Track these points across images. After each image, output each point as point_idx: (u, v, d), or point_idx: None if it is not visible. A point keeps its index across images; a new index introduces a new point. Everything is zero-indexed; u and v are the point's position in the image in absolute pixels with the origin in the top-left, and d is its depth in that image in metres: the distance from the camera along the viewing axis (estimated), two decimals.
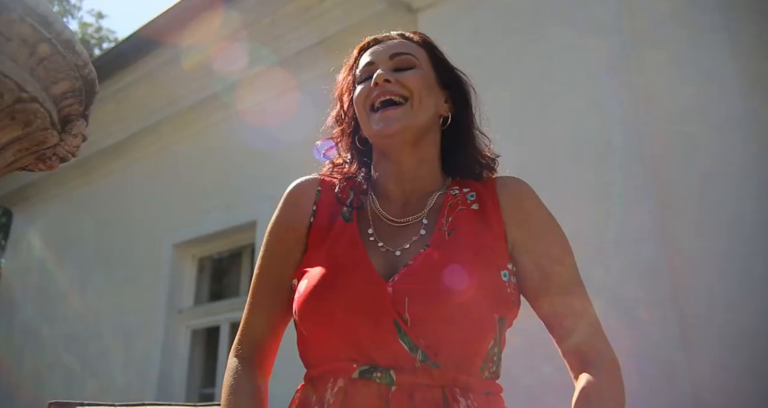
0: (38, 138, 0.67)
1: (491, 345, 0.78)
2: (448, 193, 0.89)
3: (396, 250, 0.82)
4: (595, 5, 2.26)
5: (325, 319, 0.77)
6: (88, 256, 4.22)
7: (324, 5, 3.13)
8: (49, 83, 0.64)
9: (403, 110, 0.85)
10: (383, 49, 0.91)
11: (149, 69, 3.83)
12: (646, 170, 1.99)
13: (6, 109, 0.60)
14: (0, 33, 0.56)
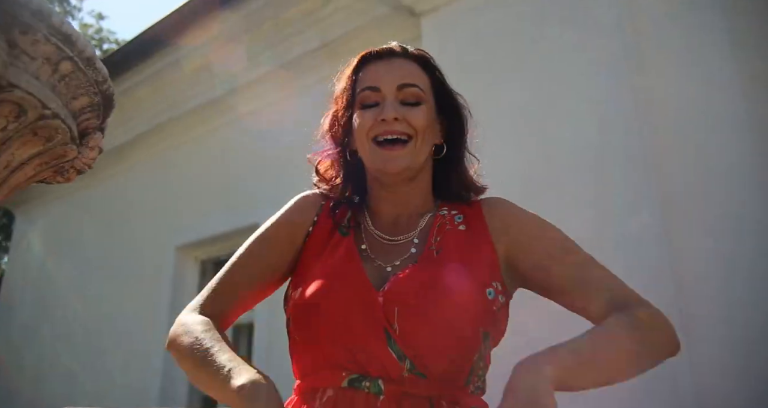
0: (58, 152, 0.68)
1: (476, 358, 0.80)
2: (437, 214, 0.91)
3: (387, 266, 0.85)
4: (596, 8, 2.27)
5: (319, 324, 0.79)
6: (90, 258, 4.23)
7: (326, 9, 3.14)
8: (69, 99, 0.66)
9: (407, 150, 0.87)
10: (391, 77, 0.90)
11: (152, 72, 3.84)
12: (647, 172, 2.00)
13: (29, 126, 0.61)
14: (25, 52, 0.57)
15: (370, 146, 0.88)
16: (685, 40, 2.12)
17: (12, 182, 0.66)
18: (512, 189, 2.25)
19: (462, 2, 2.63)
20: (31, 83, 0.58)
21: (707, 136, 1.99)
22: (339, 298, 0.79)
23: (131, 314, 3.81)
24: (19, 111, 0.59)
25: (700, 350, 1.77)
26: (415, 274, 0.81)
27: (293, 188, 3.55)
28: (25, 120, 0.60)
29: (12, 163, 0.63)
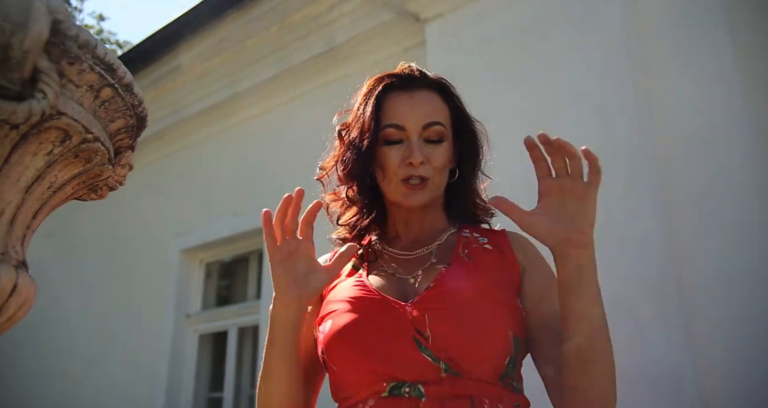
0: (96, 172, 0.71)
1: (507, 361, 0.82)
2: (460, 235, 0.97)
3: (409, 277, 0.90)
4: (599, 15, 2.30)
5: (351, 347, 0.83)
6: (96, 261, 4.25)
7: (331, 14, 3.17)
8: (108, 122, 0.68)
9: (428, 189, 0.93)
10: (416, 116, 0.93)
11: (157, 76, 3.87)
12: (651, 176, 2.03)
13: (72, 149, 0.64)
14: (71, 81, 0.60)
15: (396, 184, 0.94)
16: (688, 46, 2.15)
17: (53, 202, 0.69)
18: (518, 193, 2.28)
19: (466, 9, 2.66)
20: (76, 110, 0.61)
21: (711, 139, 2.02)
22: (365, 320, 0.83)
23: (136, 317, 3.84)
24: (64, 136, 0.61)
25: (703, 352, 1.80)
26: (445, 280, 0.85)
27: None
28: (69, 144, 0.63)
29: (55, 184, 0.66)
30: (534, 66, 2.41)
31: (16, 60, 0.51)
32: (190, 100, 3.86)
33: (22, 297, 0.61)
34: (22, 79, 0.53)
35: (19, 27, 0.50)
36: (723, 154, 1.99)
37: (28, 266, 0.65)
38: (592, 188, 0.80)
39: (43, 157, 0.62)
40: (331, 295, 0.92)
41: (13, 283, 0.59)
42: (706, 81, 2.08)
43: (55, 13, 0.52)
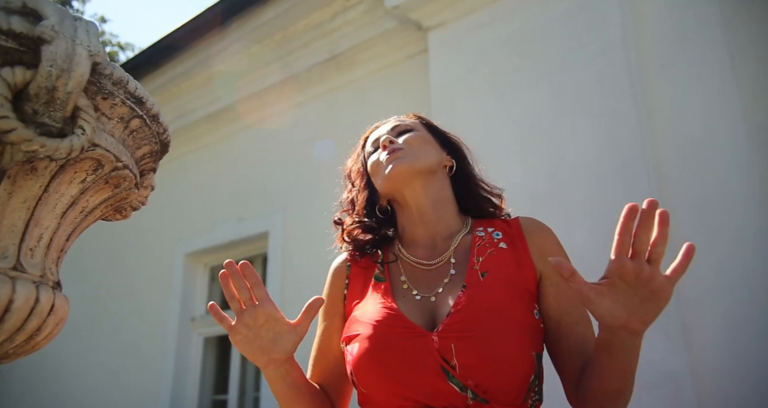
0: (122, 195, 0.75)
1: (532, 379, 0.85)
2: (474, 235, 0.98)
3: (431, 296, 0.91)
4: (599, 23, 2.34)
5: (379, 374, 0.85)
6: (102, 265, 4.29)
7: (335, 22, 3.21)
8: (135, 149, 0.73)
9: (404, 152, 0.97)
10: (385, 127, 1.06)
11: (162, 82, 3.91)
12: (650, 186, 2.07)
13: (104, 176, 0.68)
14: (104, 114, 0.64)
15: (381, 173, 0.99)
16: (686, 54, 2.19)
17: (84, 225, 0.73)
18: (519, 203, 2.32)
19: (468, 18, 2.70)
20: (109, 141, 0.65)
21: (709, 146, 2.05)
22: (392, 348, 0.85)
23: (142, 321, 3.88)
24: (97, 165, 0.66)
25: (701, 358, 1.84)
26: (466, 307, 0.86)
27: (301, 196, 3.62)
28: (101, 172, 0.67)
29: (86, 208, 0.70)
30: (534, 74, 2.45)
31: (60, 101, 0.55)
32: (195, 105, 3.91)
33: (58, 316, 0.65)
34: (64, 117, 0.57)
35: (64, 71, 0.54)
36: (721, 160, 2.02)
37: (61, 286, 0.69)
38: (671, 285, 0.74)
39: (77, 185, 0.66)
40: (358, 313, 0.94)
41: (51, 304, 0.63)
42: (704, 89, 2.12)
43: (95, 57, 0.57)
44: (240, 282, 0.89)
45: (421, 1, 2.75)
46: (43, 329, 0.63)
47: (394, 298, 0.93)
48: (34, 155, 0.56)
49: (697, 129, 2.10)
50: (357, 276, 1.01)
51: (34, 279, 0.62)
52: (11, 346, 0.61)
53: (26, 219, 0.61)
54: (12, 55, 0.54)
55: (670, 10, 2.27)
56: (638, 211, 0.73)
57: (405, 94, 2.97)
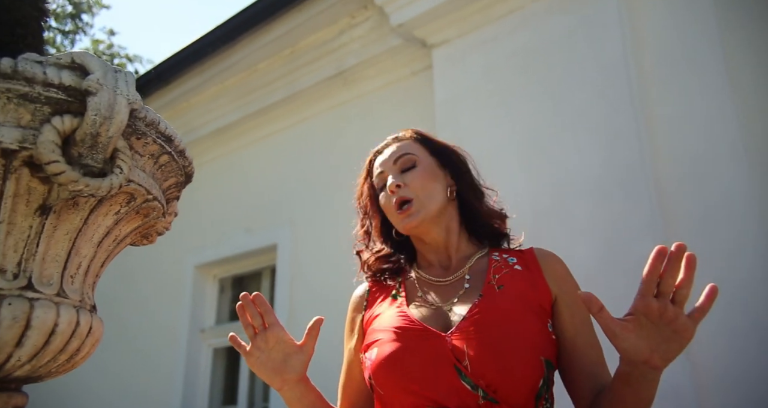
0: (150, 223, 0.81)
1: (541, 384, 0.89)
2: (490, 258, 1.05)
3: (445, 306, 0.98)
4: (601, 44, 2.40)
5: (397, 373, 0.91)
6: (113, 276, 4.36)
7: (342, 39, 3.29)
8: (162, 181, 0.79)
9: (414, 209, 1.03)
10: (387, 158, 1.10)
11: (172, 97, 4.00)
12: (651, 200, 2.11)
13: (135, 208, 0.74)
14: (137, 152, 0.70)
15: (395, 216, 1.06)
16: (685, 71, 2.25)
17: (116, 251, 0.79)
18: (522, 217, 2.37)
19: (472, 35, 2.77)
20: (141, 176, 0.71)
21: (709, 161, 2.10)
22: (408, 350, 0.91)
23: (152, 332, 3.94)
24: (130, 198, 0.72)
25: (703, 372, 1.87)
26: (481, 311, 0.92)
27: (309, 209, 3.68)
28: (133, 204, 0.73)
29: (119, 237, 0.76)
30: (536, 90, 2.51)
31: (102, 144, 0.62)
32: (204, 120, 3.99)
33: (95, 337, 0.71)
34: (104, 158, 0.63)
35: (107, 119, 0.60)
36: (721, 175, 2.07)
37: (97, 309, 0.75)
38: (694, 325, 0.78)
39: (112, 216, 0.72)
40: (376, 325, 1.00)
41: (89, 326, 0.69)
42: (703, 104, 2.17)
43: (132, 104, 0.63)
44: (253, 310, 0.98)
45: (426, 19, 2.83)
46: (81, 350, 0.69)
47: (409, 307, 1.00)
48: (78, 194, 0.62)
49: (696, 144, 2.14)
50: (375, 298, 1.08)
51: (74, 303, 0.68)
52: (54, 365, 0.67)
53: (68, 249, 0.67)
54: (61, 105, 0.61)
55: (669, 28, 2.33)
56: (666, 253, 0.78)
57: (410, 110, 3.03)
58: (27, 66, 0.59)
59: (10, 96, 0.59)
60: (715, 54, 2.18)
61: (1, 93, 0.58)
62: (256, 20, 3.41)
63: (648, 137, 2.23)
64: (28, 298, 0.62)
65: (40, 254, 0.64)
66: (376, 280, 1.11)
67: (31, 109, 0.60)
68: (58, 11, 11.94)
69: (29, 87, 0.59)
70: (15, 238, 0.62)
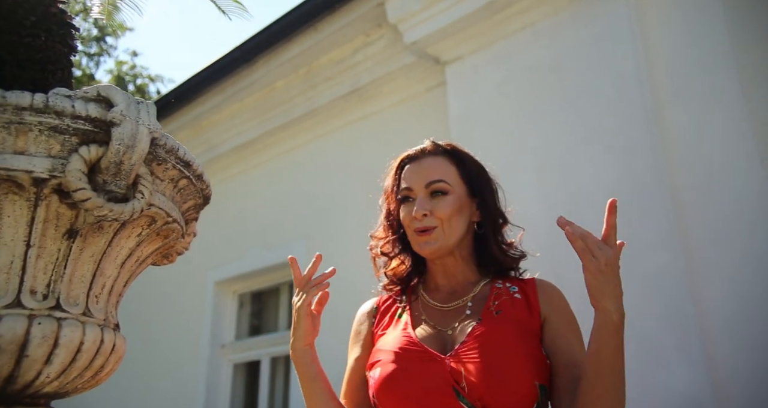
0: (170, 244, 0.85)
1: (535, 407, 0.92)
2: (493, 286, 1.08)
3: (447, 329, 1.02)
4: (613, 58, 2.41)
5: (398, 394, 0.94)
6: (135, 294, 4.44)
7: (356, 57, 3.35)
8: (181, 203, 0.83)
9: (436, 235, 1.05)
10: (420, 177, 1.09)
11: (193, 116, 4.10)
12: (667, 212, 2.10)
13: (156, 230, 0.78)
14: (158, 177, 0.74)
15: (412, 235, 1.09)
16: (699, 87, 2.24)
17: (138, 271, 0.83)
18: (538, 230, 2.38)
19: (484, 52, 2.80)
20: (161, 200, 0.75)
21: (724, 172, 2.08)
22: (409, 371, 0.95)
23: (174, 347, 3.99)
24: (151, 221, 0.76)
25: (725, 386, 1.84)
26: (479, 336, 0.96)
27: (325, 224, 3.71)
28: (154, 227, 0.77)
29: (141, 258, 0.80)
30: (550, 105, 2.52)
31: (125, 172, 0.66)
32: (224, 138, 4.08)
33: (118, 354, 0.74)
34: (127, 184, 0.67)
35: (129, 147, 0.64)
36: (737, 186, 2.05)
37: (120, 327, 0.79)
38: (615, 252, 0.96)
39: (134, 238, 0.76)
40: (380, 344, 1.06)
41: (112, 344, 0.73)
42: (717, 117, 2.17)
43: (153, 133, 0.67)
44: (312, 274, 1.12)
45: (439, 37, 2.87)
46: (105, 366, 0.72)
47: (413, 329, 1.03)
48: (103, 218, 0.66)
49: (712, 155, 2.13)
50: (384, 315, 1.12)
51: (99, 322, 0.71)
52: (81, 381, 0.70)
53: (93, 270, 0.71)
54: (88, 135, 0.65)
55: (682, 39, 2.34)
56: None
57: (424, 126, 3.06)
58: (57, 100, 0.63)
59: (41, 128, 0.63)
60: (729, 65, 2.18)
61: (34, 126, 0.62)
62: (274, 40, 3.49)
63: (662, 149, 2.22)
64: (57, 318, 0.66)
65: (68, 276, 0.68)
66: (388, 290, 1.14)
67: (61, 140, 0.64)
68: (84, 35, 12.34)
69: (59, 120, 0.63)
70: (45, 260, 0.66)
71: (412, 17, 2.90)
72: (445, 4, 2.78)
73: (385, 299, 1.15)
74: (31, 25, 0.70)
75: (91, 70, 12.71)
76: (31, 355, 0.63)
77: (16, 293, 0.64)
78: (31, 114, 0.62)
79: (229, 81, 3.82)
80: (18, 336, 0.62)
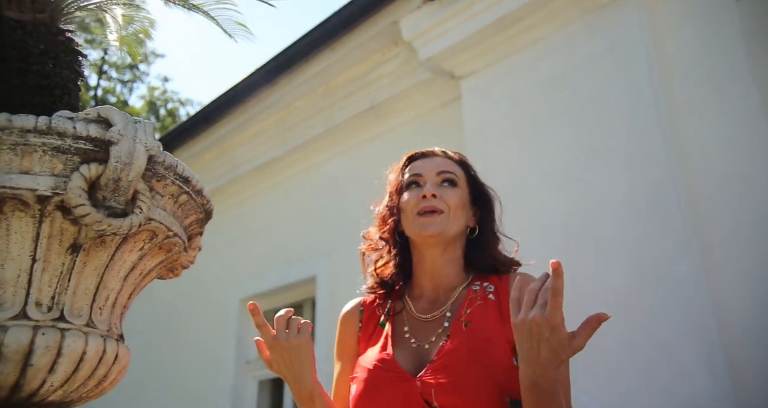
0: (174, 258, 0.88)
1: None
2: (470, 289, 1.07)
3: (425, 344, 1.02)
4: (626, 68, 2.40)
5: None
6: (161, 310, 4.53)
7: (372, 75, 3.40)
8: (183, 218, 0.86)
9: (441, 219, 1.06)
10: (431, 166, 1.12)
11: (217, 137, 4.21)
12: (685, 221, 2.06)
13: (158, 244, 0.81)
14: (158, 193, 0.78)
15: (413, 218, 1.08)
16: (714, 95, 2.21)
17: (142, 284, 0.86)
18: (553, 242, 2.36)
19: (498, 65, 2.82)
20: (161, 215, 0.78)
21: (740, 179, 2.04)
22: (382, 390, 0.97)
23: (200, 364, 4.05)
24: (152, 235, 0.79)
25: (748, 398, 1.78)
26: (448, 355, 0.96)
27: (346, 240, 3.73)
28: (155, 241, 0.80)
29: (144, 271, 0.83)
30: (564, 117, 2.52)
31: (123, 188, 0.69)
32: (246, 158, 4.17)
33: (121, 364, 0.77)
34: (126, 200, 0.71)
35: (127, 165, 0.68)
36: (754, 193, 2.00)
37: (124, 338, 0.82)
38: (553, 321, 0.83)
39: (137, 252, 0.79)
40: (362, 357, 1.07)
41: (115, 354, 0.75)
42: (734, 123, 2.13)
43: (150, 150, 0.70)
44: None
45: (453, 52, 2.90)
46: (108, 376, 0.75)
47: (394, 345, 1.04)
48: (103, 232, 0.69)
49: (730, 163, 2.09)
50: (369, 321, 1.12)
51: (102, 333, 0.74)
52: (84, 390, 0.73)
53: (96, 283, 0.74)
54: (89, 154, 0.69)
55: (695, 48, 2.31)
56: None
57: (440, 140, 3.05)
58: (59, 122, 0.67)
59: (45, 149, 0.67)
60: (744, 72, 2.14)
61: (38, 147, 0.67)
62: (292, 61, 3.58)
63: (678, 158, 2.19)
64: (60, 329, 0.69)
65: (72, 288, 0.72)
66: (372, 292, 1.14)
67: (63, 160, 0.68)
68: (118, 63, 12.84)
69: (61, 140, 0.67)
70: (50, 274, 0.70)
71: (426, 34, 2.94)
72: (458, 20, 2.82)
73: (371, 300, 1.15)
74: (40, 53, 0.75)
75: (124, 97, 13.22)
76: (36, 364, 0.66)
77: (22, 305, 0.68)
78: (35, 136, 0.66)
79: (250, 102, 3.92)
80: (23, 346, 0.65)
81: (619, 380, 1.97)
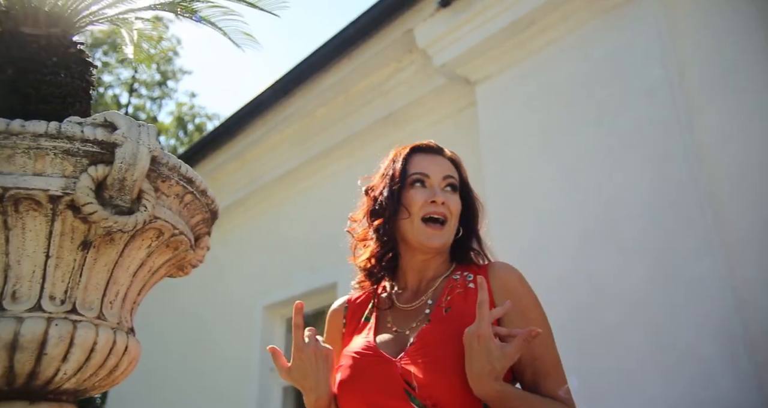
0: (181, 256, 0.92)
1: (484, 404, 0.94)
2: (450, 278, 1.10)
3: (406, 330, 1.05)
4: (642, 67, 2.38)
5: (354, 399, 0.99)
6: (186, 318, 4.63)
7: (390, 83, 3.44)
8: (189, 218, 0.90)
9: (445, 231, 1.09)
10: (438, 168, 1.13)
11: (238, 149, 4.30)
12: (706, 219, 2.03)
13: (165, 242, 0.85)
14: (164, 193, 0.82)
15: (418, 223, 1.09)
16: (732, 89, 2.17)
17: (152, 281, 0.90)
18: (570, 242, 2.34)
19: (513, 70, 2.82)
20: (167, 214, 0.83)
21: (761, 177, 2.00)
22: (364, 375, 0.99)
23: (224, 371, 4.11)
24: (159, 233, 0.83)
25: None
26: (427, 336, 0.99)
27: None
28: (162, 239, 0.84)
29: (153, 268, 0.87)
30: (581, 117, 2.50)
31: (128, 187, 0.74)
32: (268, 168, 4.25)
33: (131, 356, 0.81)
34: (132, 198, 0.75)
35: (131, 165, 0.72)
36: None
37: (135, 332, 0.86)
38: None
39: (144, 249, 0.83)
40: (346, 349, 1.10)
41: (125, 345, 0.80)
42: (752, 120, 2.08)
43: (153, 152, 0.75)
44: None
45: (467, 58, 2.92)
46: (119, 366, 0.79)
47: (376, 333, 1.07)
48: (110, 229, 0.74)
49: (749, 161, 2.06)
50: (353, 316, 1.15)
51: (112, 326, 0.78)
52: (96, 379, 0.77)
53: (107, 278, 0.79)
54: (96, 156, 0.74)
55: (712, 46, 2.28)
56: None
57: (457, 145, 3.05)
58: (69, 127, 0.72)
59: (56, 152, 0.72)
60: (762, 68, 2.10)
61: (49, 150, 0.72)
62: (311, 71, 3.65)
63: (698, 156, 2.16)
64: (72, 320, 0.73)
65: (83, 283, 0.76)
66: (361, 286, 1.17)
67: (73, 162, 0.73)
68: (147, 81, 13.25)
69: (71, 144, 0.72)
70: (62, 270, 0.75)
71: (440, 40, 2.97)
72: (471, 26, 2.84)
73: (356, 297, 1.18)
74: (53, 64, 0.81)
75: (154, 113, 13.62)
76: (50, 353, 0.71)
77: (37, 299, 0.72)
78: (46, 139, 0.71)
79: (270, 113, 4.00)
80: (37, 335, 0.70)
81: (642, 382, 1.94)
